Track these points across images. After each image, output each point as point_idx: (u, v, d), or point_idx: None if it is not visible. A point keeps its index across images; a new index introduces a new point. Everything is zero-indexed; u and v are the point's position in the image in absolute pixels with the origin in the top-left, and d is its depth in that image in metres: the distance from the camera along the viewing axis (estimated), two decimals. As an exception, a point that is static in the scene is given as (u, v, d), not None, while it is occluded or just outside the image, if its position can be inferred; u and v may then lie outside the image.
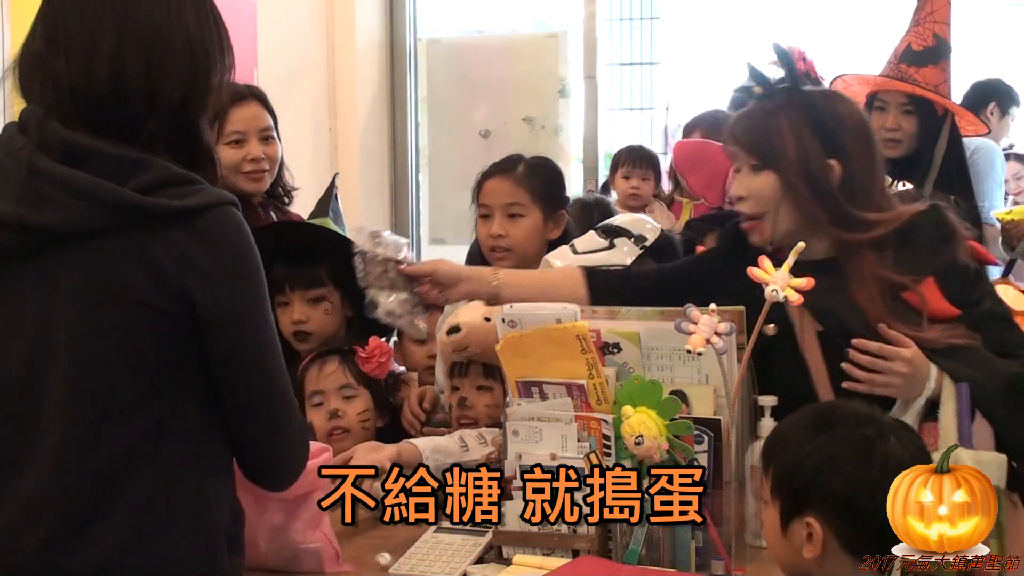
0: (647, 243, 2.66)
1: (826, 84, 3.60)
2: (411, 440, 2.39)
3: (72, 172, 1.63)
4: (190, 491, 1.69)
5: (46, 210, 1.63)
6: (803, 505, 1.76)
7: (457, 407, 2.60)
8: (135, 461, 1.65)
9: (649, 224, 2.74)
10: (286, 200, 3.40)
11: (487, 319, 2.52)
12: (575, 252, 2.66)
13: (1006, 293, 3.68)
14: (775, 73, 3.58)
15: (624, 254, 2.63)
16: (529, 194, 2.92)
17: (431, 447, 2.35)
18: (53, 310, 1.64)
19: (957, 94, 3.46)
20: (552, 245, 2.97)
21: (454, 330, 2.56)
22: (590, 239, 2.70)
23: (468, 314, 2.59)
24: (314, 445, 2.01)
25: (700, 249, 2.98)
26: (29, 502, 1.64)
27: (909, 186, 3.30)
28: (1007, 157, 5.04)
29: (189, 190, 1.66)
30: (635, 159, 4.22)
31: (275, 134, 3.28)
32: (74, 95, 1.66)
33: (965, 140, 3.56)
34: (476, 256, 3.07)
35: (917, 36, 3.36)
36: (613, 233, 2.68)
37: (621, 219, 2.78)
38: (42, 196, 1.63)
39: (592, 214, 3.49)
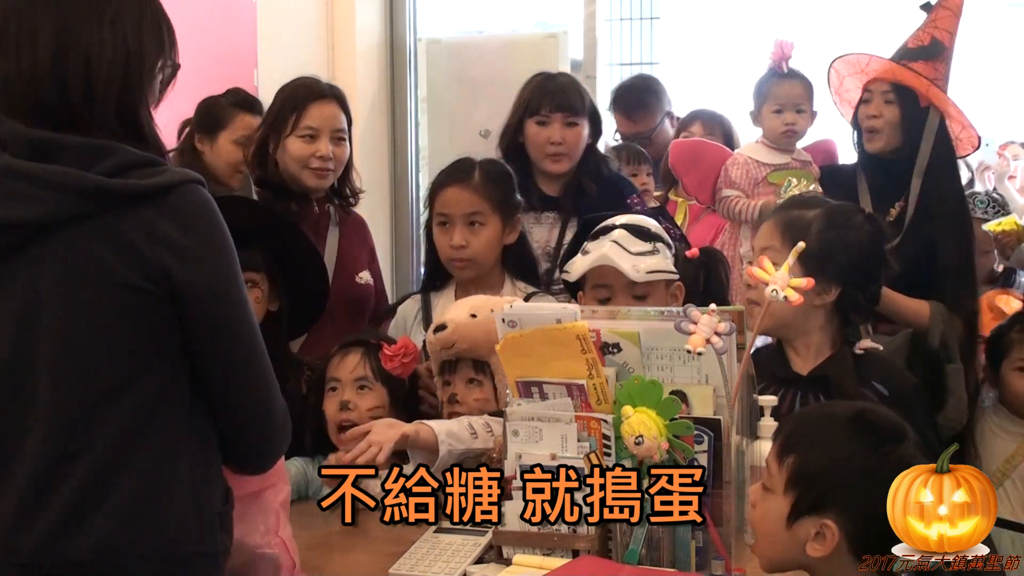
0: (673, 251, 2.62)
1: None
2: (426, 422, 2.39)
3: (37, 165, 1.67)
4: (183, 472, 1.72)
5: (18, 205, 1.67)
6: (824, 506, 1.76)
7: (448, 403, 2.61)
8: (127, 444, 1.68)
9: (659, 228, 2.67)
10: (351, 201, 3.45)
11: (473, 315, 2.53)
12: (628, 252, 2.54)
13: (1007, 303, 3.67)
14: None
15: (671, 262, 2.58)
16: (489, 203, 2.92)
17: (445, 431, 2.36)
18: (37, 301, 1.67)
19: (960, 97, 3.38)
20: (507, 251, 2.97)
21: (440, 328, 2.57)
22: (631, 240, 2.57)
23: (454, 311, 2.59)
24: None
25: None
26: (28, 491, 1.66)
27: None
28: None
29: (154, 171, 1.71)
30: (639, 157, 4.20)
31: (347, 136, 3.34)
32: (24, 95, 1.70)
33: None
34: (434, 263, 3.05)
35: (915, 38, 3.32)
36: (650, 237, 2.59)
37: (643, 221, 2.66)
38: (12, 193, 1.67)
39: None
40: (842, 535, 1.75)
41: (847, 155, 3.69)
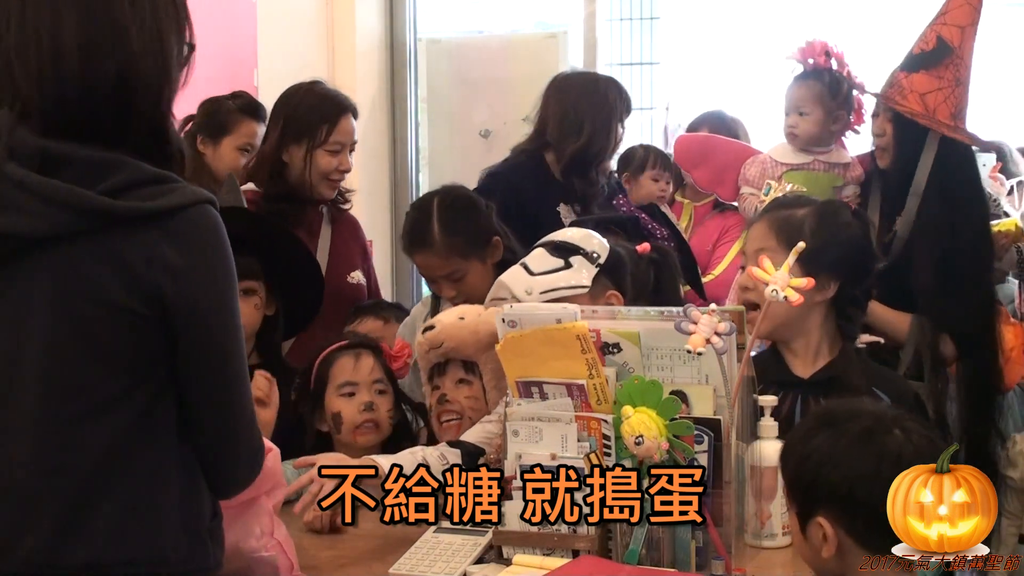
0: (600, 260, 2.53)
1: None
2: (373, 457, 2.37)
3: (40, 178, 1.62)
4: (173, 487, 1.70)
5: (15, 217, 1.63)
6: (812, 506, 1.79)
7: (437, 404, 2.64)
8: (116, 459, 1.66)
9: (596, 239, 2.59)
10: (343, 199, 3.48)
11: (461, 318, 2.56)
12: (531, 273, 2.52)
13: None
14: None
15: (582, 275, 2.50)
16: (458, 257, 2.90)
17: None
18: (27, 314, 1.64)
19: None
20: (500, 265, 2.91)
21: (428, 328, 2.60)
22: (543, 258, 2.54)
23: (443, 315, 2.63)
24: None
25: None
26: (15, 505, 1.64)
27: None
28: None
29: (162, 190, 1.65)
30: (664, 161, 4.18)
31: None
32: (43, 97, 1.65)
33: None
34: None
35: (923, 39, 3.14)
36: (566, 251, 2.54)
37: (567, 235, 2.61)
38: (11, 203, 1.63)
39: None
40: (838, 528, 1.76)
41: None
